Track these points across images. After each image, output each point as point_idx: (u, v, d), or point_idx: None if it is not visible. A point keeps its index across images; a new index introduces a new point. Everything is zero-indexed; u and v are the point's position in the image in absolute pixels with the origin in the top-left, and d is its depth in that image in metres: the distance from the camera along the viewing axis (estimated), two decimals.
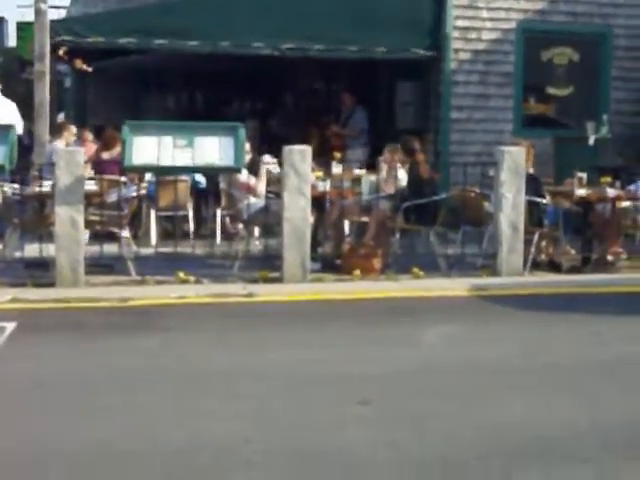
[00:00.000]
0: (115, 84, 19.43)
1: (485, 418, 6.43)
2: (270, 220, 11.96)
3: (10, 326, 8.82)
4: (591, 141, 15.22)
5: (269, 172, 12.88)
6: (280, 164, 11.73)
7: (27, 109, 18.24)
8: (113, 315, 9.63)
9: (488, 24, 15.88)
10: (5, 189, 11.63)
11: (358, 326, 9.29)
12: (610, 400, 6.87)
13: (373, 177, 12.91)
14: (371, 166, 13.42)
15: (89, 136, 14.80)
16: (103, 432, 6.01)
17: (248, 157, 12.08)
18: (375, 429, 6.17)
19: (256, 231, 12.68)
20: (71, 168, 10.56)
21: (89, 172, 12.19)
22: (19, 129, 14.28)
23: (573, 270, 11.94)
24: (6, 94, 16.70)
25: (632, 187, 12.69)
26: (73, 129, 14.41)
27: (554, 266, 12.03)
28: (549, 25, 16.12)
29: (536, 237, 11.80)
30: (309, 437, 6.05)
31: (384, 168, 12.79)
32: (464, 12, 15.72)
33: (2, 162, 10.59)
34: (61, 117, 15.74)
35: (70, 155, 10.84)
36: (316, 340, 8.68)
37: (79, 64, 16.62)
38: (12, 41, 41.98)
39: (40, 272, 10.95)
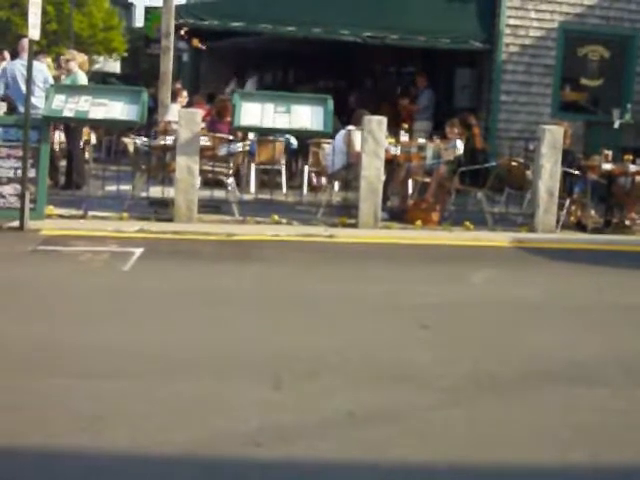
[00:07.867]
0: (224, 60, 19.45)
1: (520, 343, 6.44)
2: (349, 176, 11.93)
3: (138, 251, 8.97)
4: (616, 125, 14.99)
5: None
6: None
7: (151, 79, 18.39)
8: (220, 246, 9.72)
9: (535, 23, 15.64)
10: (136, 141, 11.77)
11: (418, 266, 9.31)
12: (624, 336, 6.82)
13: (436, 145, 12.78)
14: (435, 136, 13.26)
15: (202, 100, 14.92)
16: (212, 339, 6.18)
17: None
18: (433, 349, 6.22)
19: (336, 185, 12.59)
20: (190, 126, 10.64)
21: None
22: None
23: (596, 231, 11.79)
24: (131, 66, 16.81)
25: None
26: (185, 94, 14.50)
27: (581, 227, 11.90)
28: (586, 26, 15.82)
29: (567, 202, 11.69)
30: (378, 351, 6.09)
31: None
32: (515, 13, 15.51)
33: (136, 119, 10.68)
34: (177, 85, 15.72)
35: (190, 115, 10.89)
36: (382, 276, 8.67)
37: (196, 43, 16.71)
38: (139, 22, 42.32)
39: (161, 209, 11.10)
